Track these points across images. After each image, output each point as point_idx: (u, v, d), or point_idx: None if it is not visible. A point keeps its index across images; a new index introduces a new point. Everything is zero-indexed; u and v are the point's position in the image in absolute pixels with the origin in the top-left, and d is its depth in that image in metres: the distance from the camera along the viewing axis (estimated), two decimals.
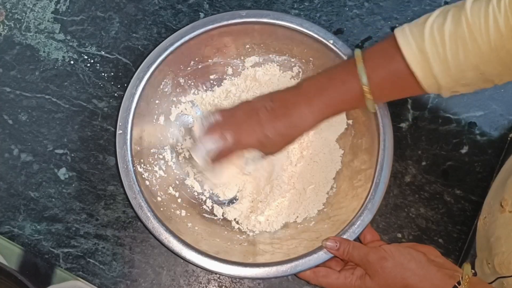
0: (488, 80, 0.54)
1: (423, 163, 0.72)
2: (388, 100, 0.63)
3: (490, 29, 0.50)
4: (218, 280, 0.68)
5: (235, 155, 0.62)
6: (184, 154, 0.72)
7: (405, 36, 0.54)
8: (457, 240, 0.70)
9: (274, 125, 0.60)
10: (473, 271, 0.55)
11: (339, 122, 0.71)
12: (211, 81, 0.74)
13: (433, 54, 0.53)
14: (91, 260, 0.68)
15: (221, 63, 0.73)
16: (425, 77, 0.54)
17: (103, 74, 0.74)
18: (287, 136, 0.61)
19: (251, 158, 0.64)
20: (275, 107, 0.61)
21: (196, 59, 0.72)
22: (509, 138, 0.72)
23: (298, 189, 0.70)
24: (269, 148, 0.62)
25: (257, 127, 0.60)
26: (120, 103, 0.67)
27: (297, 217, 0.70)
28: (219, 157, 0.62)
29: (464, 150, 0.72)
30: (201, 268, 0.63)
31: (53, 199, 0.70)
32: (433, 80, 0.54)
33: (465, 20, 0.51)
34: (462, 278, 0.54)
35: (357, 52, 0.58)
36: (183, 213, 0.68)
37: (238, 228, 0.70)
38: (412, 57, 0.54)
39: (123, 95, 0.67)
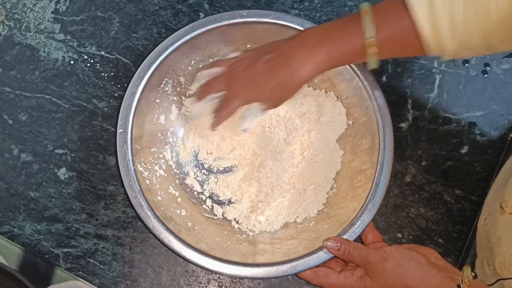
0: (490, 47, 0.53)
1: (423, 163, 0.72)
2: (387, 57, 0.60)
3: None
4: (218, 280, 0.68)
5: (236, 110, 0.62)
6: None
7: None
8: (457, 240, 0.70)
9: (272, 76, 0.59)
10: (473, 273, 0.55)
11: (340, 123, 0.71)
12: None
13: (443, 14, 0.51)
14: (91, 260, 0.68)
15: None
16: (432, 36, 0.53)
17: (103, 74, 0.74)
18: (285, 87, 0.60)
19: (248, 114, 0.63)
20: (274, 57, 0.60)
21: (197, 58, 0.72)
22: (509, 138, 0.72)
23: (298, 189, 0.71)
24: (269, 101, 0.61)
25: (253, 80, 0.60)
26: (120, 103, 0.67)
27: (297, 217, 0.70)
28: (221, 116, 0.62)
29: (464, 150, 0.72)
30: (201, 267, 0.63)
31: (53, 199, 0.70)
32: (438, 40, 0.53)
33: None
34: (462, 281, 0.54)
35: (364, 5, 0.57)
36: (183, 212, 0.68)
37: (238, 227, 0.70)
38: (421, 15, 0.52)
39: (123, 95, 0.67)
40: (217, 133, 0.67)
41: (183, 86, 0.73)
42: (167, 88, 0.71)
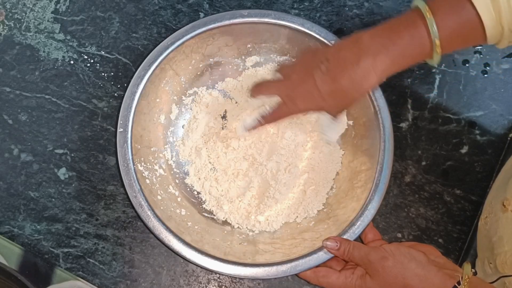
0: None
1: (423, 163, 0.72)
2: (451, 50, 0.58)
3: None
4: (218, 280, 0.68)
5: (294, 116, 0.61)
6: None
7: None
8: (457, 240, 0.70)
9: (332, 88, 0.57)
10: (473, 270, 0.55)
11: (340, 123, 0.71)
12: (212, 80, 0.74)
13: (504, 2, 0.51)
14: (91, 260, 0.68)
15: (222, 62, 0.74)
16: (494, 26, 0.52)
17: (103, 74, 0.74)
18: (346, 98, 0.58)
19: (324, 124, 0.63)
20: (332, 67, 0.57)
21: (197, 58, 0.72)
22: (509, 138, 0.72)
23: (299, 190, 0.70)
24: (326, 109, 0.60)
25: (314, 91, 0.57)
26: (120, 103, 0.67)
27: (297, 217, 0.70)
28: (272, 119, 0.62)
29: (464, 150, 0.72)
30: (201, 267, 0.63)
31: (53, 199, 0.70)
32: (500, 29, 0.52)
33: None
34: (462, 278, 0.54)
35: (420, 2, 0.55)
36: (183, 212, 0.68)
37: (238, 227, 0.70)
38: (483, 5, 0.51)
39: (123, 95, 0.67)
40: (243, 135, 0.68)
41: (183, 85, 0.73)
42: (167, 88, 0.71)
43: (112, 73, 0.74)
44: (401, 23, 0.56)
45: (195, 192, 0.71)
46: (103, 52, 0.75)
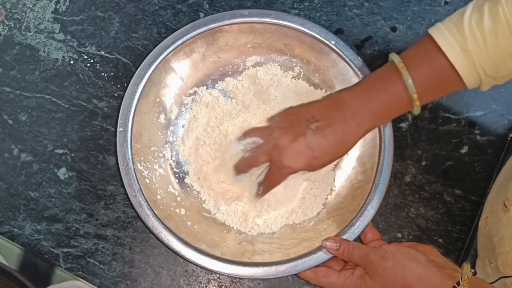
0: None
1: (423, 163, 0.72)
2: (431, 100, 0.63)
3: None
4: (218, 280, 0.68)
5: (282, 180, 0.62)
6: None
7: (444, 36, 0.54)
8: (457, 240, 0.70)
9: (323, 146, 0.59)
10: (472, 270, 0.55)
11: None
12: (212, 80, 0.74)
13: (475, 51, 0.53)
14: (91, 260, 0.68)
15: (222, 62, 0.74)
16: (469, 74, 0.54)
17: (103, 74, 0.74)
18: (336, 154, 0.61)
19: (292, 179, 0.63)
20: (321, 126, 0.59)
21: (197, 57, 0.72)
22: (509, 138, 0.72)
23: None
24: (316, 167, 0.61)
25: (306, 150, 0.59)
26: (120, 102, 0.67)
27: (296, 218, 0.70)
28: (268, 188, 0.63)
29: (464, 150, 0.72)
30: (200, 267, 0.63)
31: (53, 199, 0.70)
32: (476, 75, 0.54)
33: (503, 14, 0.51)
34: (461, 278, 0.54)
35: (395, 57, 0.58)
36: (183, 211, 0.68)
37: (237, 227, 0.69)
38: (455, 57, 0.53)
39: (123, 95, 0.67)
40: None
41: (183, 85, 0.73)
42: (167, 87, 0.71)
43: (112, 73, 0.74)
44: (377, 78, 0.59)
45: (195, 192, 0.71)
46: (103, 52, 0.75)
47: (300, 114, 0.62)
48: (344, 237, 0.63)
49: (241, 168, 0.64)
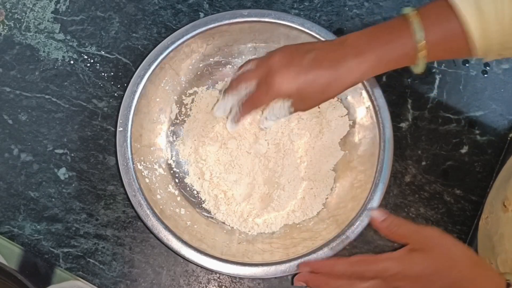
0: None
1: (423, 163, 0.72)
2: (434, 60, 0.59)
3: None
4: (218, 280, 0.68)
5: (267, 104, 0.58)
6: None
7: None
8: (457, 240, 0.70)
9: (318, 72, 0.56)
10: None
11: (342, 125, 0.71)
12: (212, 80, 0.74)
13: (490, 13, 0.51)
14: (91, 260, 0.68)
15: (222, 62, 0.74)
16: (480, 37, 0.52)
17: (103, 74, 0.74)
18: (328, 88, 0.57)
19: (274, 113, 0.60)
20: (320, 56, 0.56)
21: (197, 57, 0.72)
22: (509, 138, 0.72)
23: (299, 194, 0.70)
24: (305, 100, 0.58)
25: (300, 72, 0.56)
26: (120, 102, 0.67)
27: (296, 218, 0.70)
28: (249, 107, 0.59)
29: (464, 150, 0.72)
30: (200, 266, 0.63)
31: (53, 199, 0.70)
32: (486, 41, 0.53)
33: None
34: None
35: (408, 9, 0.56)
36: (182, 211, 0.68)
37: (237, 227, 0.69)
38: (470, 17, 0.52)
39: (123, 95, 0.67)
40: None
41: (183, 85, 0.73)
42: (167, 87, 0.71)
43: (112, 73, 0.74)
44: (387, 26, 0.57)
45: (195, 192, 0.71)
46: (103, 52, 0.75)
47: (300, 47, 0.59)
48: (344, 237, 0.63)
49: (231, 85, 0.61)
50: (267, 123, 0.63)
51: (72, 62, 0.74)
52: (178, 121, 0.73)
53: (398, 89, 0.74)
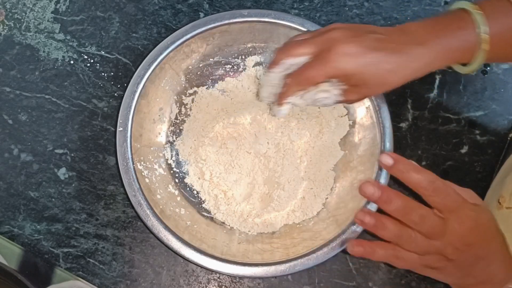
0: None
1: (423, 163, 0.72)
2: (494, 57, 0.55)
3: None
4: (218, 280, 0.68)
5: (320, 82, 0.52)
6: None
7: None
8: None
9: (384, 54, 0.51)
10: None
11: (342, 125, 0.71)
12: (212, 80, 0.74)
13: None
14: (91, 260, 0.68)
15: (222, 62, 0.74)
16: None
17: (103, 74, 0.74)
18: (391, 76, 0.53)
19: (315, 96, 0.53)
20: (384, 39, 0.52)
21: (197, 57, 0.72)
22: (509, 138, 0.72)
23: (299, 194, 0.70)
24: (362, 87, 0.53)
25: (366, 50, 0.51)
26: (120, 103, 0.67)
27: (296, 217, 0.70)
28: (298, 83, 0.53)
29: (464, 150, 0.72)
30: (200, 266, 0.63)
31: (53, 199, 0.70)
32: None
33: None
34: None
35: (464, 3, 0.53)
36: (182, 211, 0.68)
37: (237, 227, 0.69)
38: None
39: (123, 95, 0.67)
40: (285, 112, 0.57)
41: (183, 85, 0.73)
42: (167, 87, 0.71)
43: (112, 73, 0.74)
44: (447, 18, 0.54)
45: (195, 192, 0.71)
46: (103, 52, 0.75)
47: (361, 26, 0.55)
48: (344, 236, 0.63)
49: (276, 57, 0.54)
50: (284, 109, 0.56)
51: (72, 62, 0.74)
52: (178, 121, 0.73)
53: (398, 89, 0.73)
